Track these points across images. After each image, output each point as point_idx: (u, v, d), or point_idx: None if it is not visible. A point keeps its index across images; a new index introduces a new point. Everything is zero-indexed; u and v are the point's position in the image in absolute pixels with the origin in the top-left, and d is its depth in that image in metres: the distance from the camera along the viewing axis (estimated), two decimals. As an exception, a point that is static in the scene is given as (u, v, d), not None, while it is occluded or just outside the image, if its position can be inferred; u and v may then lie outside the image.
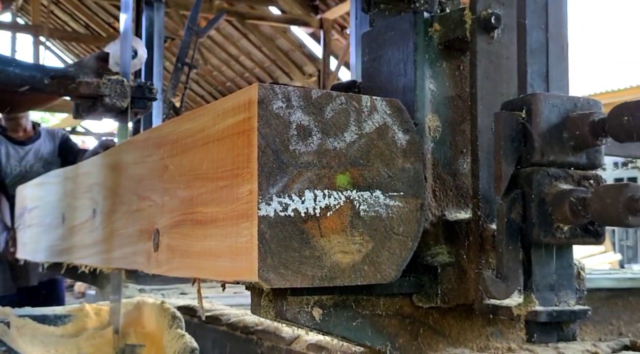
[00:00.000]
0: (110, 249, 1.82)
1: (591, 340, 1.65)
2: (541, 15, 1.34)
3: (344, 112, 1.27)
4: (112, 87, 2.33)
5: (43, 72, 2.33)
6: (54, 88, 2.35)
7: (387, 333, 1.41)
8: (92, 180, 2.06)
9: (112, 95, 2.33)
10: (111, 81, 2.34)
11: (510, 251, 1.26)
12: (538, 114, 1.27)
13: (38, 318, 2.29)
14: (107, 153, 2.07)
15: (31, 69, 2.34)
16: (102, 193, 1.94)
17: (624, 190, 1.15)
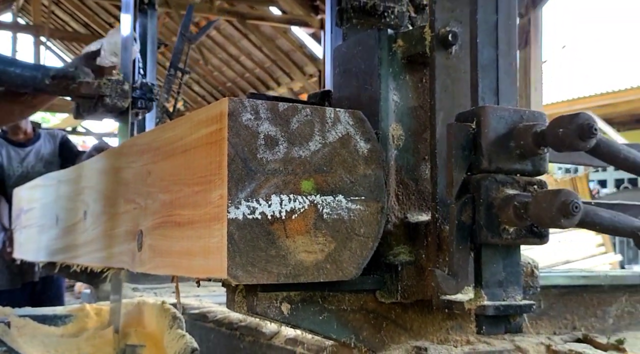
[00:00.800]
0: (100, 249, 1.96)
1: (546, 333, 1.77)
2: (491, 34, 1.47)
3: (309, 123, 1.40)
4: (113, 88, 2.38)
5: (44, 72, 2.37)
6: (54, 88, 2.39)
7: (352, 327, 1.54)
8: (83, 183, 2.20)
9: (112, 95, 2.37)
10: (112, 81, 2.38)
11: (460, 250, 1.39)
12: (487, 125, 1.40)
13: (38, 318, 2.31)
14: (97, 158, 2.20)
15: (32, 69, 2.37)
16: (92, 196, 2.08)
17: (558, 195, 1.28)
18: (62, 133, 4.45)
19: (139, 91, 2.49)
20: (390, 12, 1.87)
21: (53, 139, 4.24)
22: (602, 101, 14.12)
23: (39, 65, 2.54)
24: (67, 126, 17.02)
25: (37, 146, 4.15)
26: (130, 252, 1.72)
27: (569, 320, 1.83)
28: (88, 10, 16.72)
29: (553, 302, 1.81)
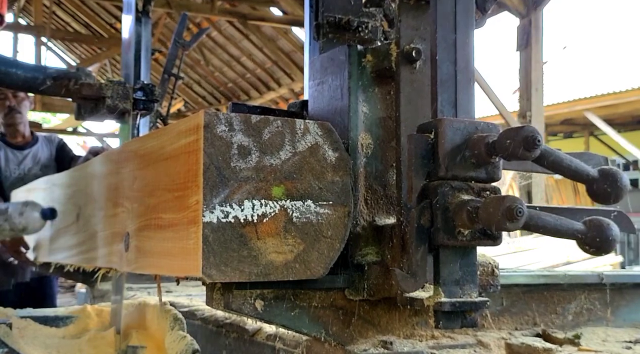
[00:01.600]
0: (91, 249, 2.10)
1: (508, 329, 1.90)
2: (450, 51, 1.61)
3: (280, 134, 1.54)
4: (114, 89, 2.41)
5: (45, 73, 2.39)
6: (56, 89, 2.40)
7: (322, 322, 1.68)
8: (76, 187, 2.33)
9: (114, 96, 2.40)
10: (113, 83, 2.42)
11: (419, 251, 1.53)
12: (444, 136, 1.53)
13: (40, 319, 2.33)
14: (89, 163, 2.33)
15: (33, 70, 2.39)
16: (84, 199, 2.21)
17: (504, 201, 1.42)
18: (59, 138, 4.55)
19: (140, 92, 2.52)
20: (365, 27, 2.00)
21: (50, 144, 4.36)
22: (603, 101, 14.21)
23: (40, 66, 2.54)
24: (68, 126, 17.18)
25: (35, 150, 4.27)
26: (118, 252, 1.86)
27: (530, 317, 1.96)
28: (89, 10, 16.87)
29: (515, 299, 1.95)
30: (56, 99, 14.07)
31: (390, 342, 1.70)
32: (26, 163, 4.23)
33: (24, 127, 4.30)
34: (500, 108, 11.15)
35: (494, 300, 1.92)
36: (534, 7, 11.66)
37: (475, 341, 1.81)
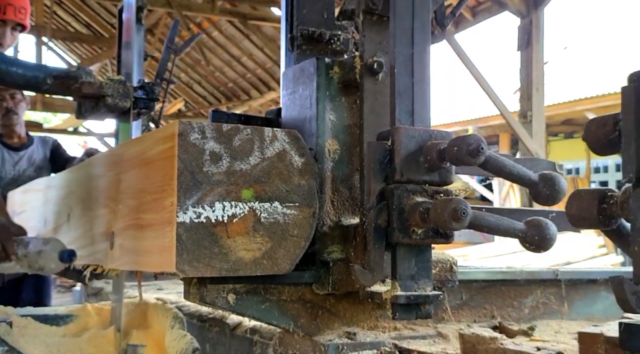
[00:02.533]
0: (80, 247, 2.26)
1: (467, 321, 2.06)
2: (408, 65, 1.76)
3: (249, 141, 1.70)
4: (115, 88, 2.44)
5: (46, 72, 2.41)
6: (56, 88, 2.43)
7: (291, 315, 1.84)
8: (68, 189, 2.50)
9: (114, 95, 2.42)
10: (114, 81, 2.45)
11: (376, 248, 1.69)
12: (400, 143, 1.69)
13: (40, 318, 2.34)
14: (80, 166, 2.49)
15: (34, 69, 2.42)
16: (75, 200, 2.38)
17: (450, 203, 1.58)
18: (54, 139, 4.67)
19: (140, 91, 2.56)
20: (337, 39, 2.16)
21: (45, 145, 4.51)
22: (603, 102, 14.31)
23: (41, 66, 2.56)
24: (69, 126, 17.35)
25: (30, 151, 4.41)
26: (104, 250, 2.02)
27: (488, 310, 2.11)
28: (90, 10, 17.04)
29: (474, 294, 2.10)
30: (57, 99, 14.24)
31: (354, 333, 1.86)
32: (21, 164, 4.36)
33: (20, 128, 4.44)
34: (501, 108, 11.28)
35: (454, 295, 2.08)
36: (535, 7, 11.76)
37: (435, 332, 1.96)
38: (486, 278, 2.11)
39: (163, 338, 2.03)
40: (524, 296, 2.17)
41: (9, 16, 3.21)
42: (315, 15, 2.15)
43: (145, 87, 2.55)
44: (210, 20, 15.43)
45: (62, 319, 2.38)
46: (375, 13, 1.86)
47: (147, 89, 2.55)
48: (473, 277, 2.09)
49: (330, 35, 2.15)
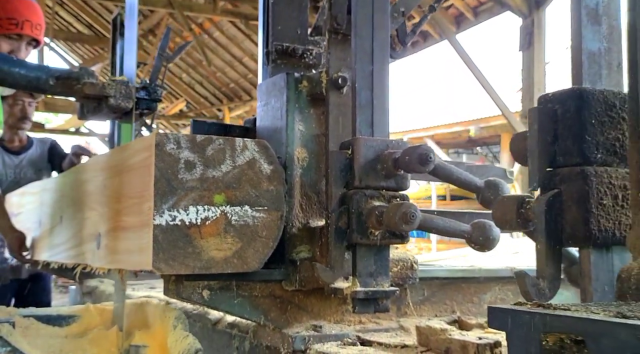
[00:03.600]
0: (71, 248, 2.45)
1: (428, 316, 2.24)
2: (368, 80, 1.95)
3: (221, 150, 1.89)
4: (117, 88, 2.50)
5: (48, 73, 2.46)
6: (59, 89, 2.47)
7: (262, 309, 2.03)
8: (60, 193, 2.70)
9: (117, 96, 2.48)
10: (116, 82, 2.52)
11: (337, 248, 1.88)
12: (359, 152, 1.87)
13: (42, 319, 2.37)
14: (72, 171, 2.68)
15: (36, 70, 2.46)
16: (66, 203, 2.57)
17: (401, 207, 1.76)
18: (51, 140, 4.77)
19: (143, 92, 2.62)
20: (309, 54, 2.35)
21: (43, 146, 4.58)
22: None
23: (43, 66, 2.60)
24: (71, 127, 17.57)
25: (30, 154, 4.52)
26: (91, 250, 2.22)
27: (448, 305, 2.30)
28: (92, 11, 17.23)
29: (435, 290, 2.29)
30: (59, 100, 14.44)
31: (320, 326, 2.04)
32: (22, 167, 4.47)
33: (22, 132, 4.53)
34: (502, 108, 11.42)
35: (417, 291, 2.26)
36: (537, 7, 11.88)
37: (398, 325, 2.14)
38: (447, 275, 2.29)
39: (165, 338, 2.08)
40: (483, 292, 2.36)
41: (26, 31, 3.35)
42: (289, 31, 2.33)
43: (147, 88, 2.61)
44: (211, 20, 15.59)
45: (64, 319, 2.42)
46: (340, 32, 2.04)
47: (150, 90, 2.61)
48: (434, 275, 2.27)
49: (303, 50, 2.33)
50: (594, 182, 1.27)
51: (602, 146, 1.28)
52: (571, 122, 1.29)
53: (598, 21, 1.39)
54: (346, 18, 2.03)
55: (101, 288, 3.64)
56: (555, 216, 1.29)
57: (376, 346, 1.94)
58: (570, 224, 1.28)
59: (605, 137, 1.28)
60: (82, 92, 2.44)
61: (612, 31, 1.39)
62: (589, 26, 1.38)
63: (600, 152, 1.28)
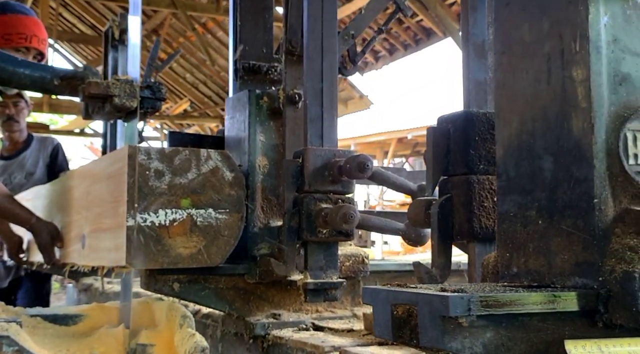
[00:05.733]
0: (61, 247, 2.79)
1: (379, 307, 2.56)
2: (318, 97, 2.26)
3: (187, 160, 2.20)
4: (122, 88, 2.54)
5: (53, 73, 2.52)
6: (63, 89, 2.53)
7: (227, 300, 2.34)
8: (50, 199, 3.02)
9: (121, 95, 2.52)
10: (120, 81, 2.56)
11: (289, 245, 2.19)
12: (308, 161, 2.18)
13: (49, 318, 2.41)
14: (59, 180, 2.97)
15: (41, 70, 2.53)
16: (56, 209, 2.90)
17: (341, 209, 2.08)
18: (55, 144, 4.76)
19: (147, 91, 2.64)
20: (274, 70, 2.65)
21: (43, 150, 4.64)
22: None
23: (48, 66, 2.66)
24: (75, 127, 17.94)
25: (21, 157, 4.56)
26: (78, 250, 2.54)
27: (398, 297, 2.61)
28: (95, 12, 17.58)
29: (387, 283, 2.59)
30: (63, 100, 14.77)
31: (279, 314, 2.36)
32: (11, 171, 4.52)
33: (19, 134, 4.60)
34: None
35: (370, 283, 2.55)
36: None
37: (351, 314, 2.46)
38: (397, 269, 2.61)
39: (172, 337, 2.14)
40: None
41: (34, 44, 3.58)
42: (254, 50, 2.64)
43: (151, 87, 2.65)
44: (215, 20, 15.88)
45: (71, 318, 2.45)
46: (295, 53, 2.35)
47: (154, 89, 2.65)
48: (385, 268, 2.59)
49: (268, 67, 2.64)
50: (476, 188, 1.58)
51: (484, 158, 1.59)
52: (459, 139, 1.60)
53: (484, 55, 1.70)
54: (300, 41, 2.34)
55: (95, 285, 3.95)
56: (446, 216, 1.60)
57: (327, 331, 2.25)
58: (458, 223, 1.59)
59: (487, 150, 1.59)
60: (87, 92, 2.47)
61: (497, 62, 1.70)
62: (476, 59, 1.69)
63: (483, 164, 1.59)
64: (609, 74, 1.21)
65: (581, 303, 1.16)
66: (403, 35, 12.98)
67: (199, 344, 1.96)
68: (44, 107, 14.96)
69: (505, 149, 1.37)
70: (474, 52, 1.70)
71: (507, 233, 1.36)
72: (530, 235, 1.30)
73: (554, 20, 1.25)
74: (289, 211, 2.20)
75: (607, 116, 1.20)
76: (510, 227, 1.35)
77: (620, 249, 1.16)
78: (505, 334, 1.12)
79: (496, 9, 1.40)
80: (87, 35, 18.50)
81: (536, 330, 1.15)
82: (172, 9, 14.17)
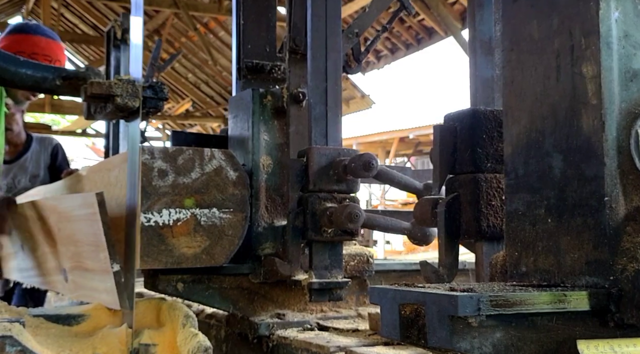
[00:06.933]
0: (39, 276, 2.75)
1: (384, 306, 2.54)
2: (322, 96, 2.24)
3: (191, 160, 2.18)
4: (124, 88, 2.48)
5: (54, 73, 2.50)
6: (65, 89, 2.51)
7: (231, 300, 2.33)
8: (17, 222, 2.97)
9: (123, 95, 2.46)
10: (123, 81, 2.50)
11: (294, 245, 2.17)
12: (313, 160, 2.17)
13: (52, 318, 2.40)
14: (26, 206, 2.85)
15: (43, 70, 2.52)
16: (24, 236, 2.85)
17: (346, 208, 2.06)
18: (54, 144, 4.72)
19: (149, 91, 2.60)
20: (277, 69, 2.64)
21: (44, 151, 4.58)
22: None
23: (50, 66, 2.66)
24: (77, 128, 17.94)
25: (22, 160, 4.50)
26: (61, 281, 2.50)
27: (403, 296, 2.59)
28: (97, 12, 17.58)
29: (392, 282, 2.57)
30: (65, 101, 14.76)
31: (283, 314, 2.34)
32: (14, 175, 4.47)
33: (17, 138, 4.50)
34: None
35: (375, 282, 2.55)
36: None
37: (356, 314, 2.44)
38: (402, 268, 2.59)
39: (175, 336, 2.13)
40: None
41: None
42: (258, 49, 2.63)
43: (154, 87, 2.63)
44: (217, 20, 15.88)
45: (74, 318, 2.44)
46: (299, 52, 2.34)
47: (156, 89, 2.62)
48: (391, 268, 2.57)
49: (271, 66, 2.62)
50: (484, 187, 1.56)
51: (491, 156, 1.58)
52: (467, 137, 1.59)
53: (491, 52, 1.68)
54: (304, 40, 2.32)
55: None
56: (453, 215, 1.59)
57: (332, 331, 2.23)
58: (466, 222, 1.58)
59: (495, 149, 1.58)
60: (89, 92, 2.43)
61: (504, 59, 1.68)
62: (483, 56, 1.67)
63: (490, 162, 1.57)
64: (620, 70, 1.19)
65: (592, 303, 1.14)
66: (405, 35, 12.96)
67: (201, 344, 1.96)
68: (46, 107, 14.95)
69: (513, 147, 1.35)
70: (481, 49, 1.68)
71: (515, 232, 1.34)
72: (539, 234, 1.28)
73: (563, 16, 1.23)
74: (294, 211, 2.18)
75: (618, 113, 1.18)
76: (519, 226, 1.33)
77: (632, 247, 1.14)
78: (515, 334, 1.10)
79: (504, 5, 1.38)
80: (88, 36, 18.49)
81: (546, 330, 1.13)
82: (174, 9, 14.15)
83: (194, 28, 15.38)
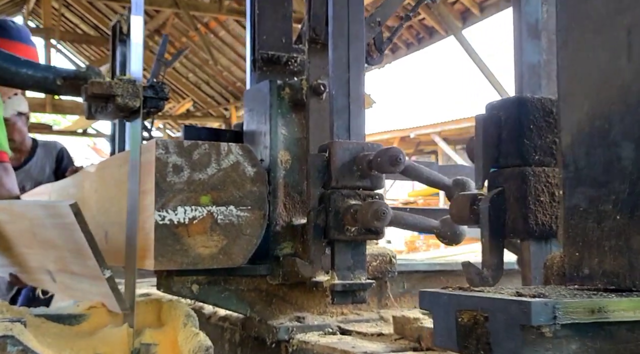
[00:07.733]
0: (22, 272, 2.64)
1: (408, 307, 2.40)
2: (344, 87, 2.10)
3: (207, 155, 2.05)
4: (125, 87, 2.45)
5: (55, 73, 2.51)
6: (66, 89, 2.52)
7: (248, 302, 2.19)
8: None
9: (124, 95, 2.43)
10: (123, 81, 2.48)
11: (316, 244, 2.03)
12: (335, 155, 2.03)
13: (53, 317, 2.38)
14: None
15: (43, 70, 2.52)
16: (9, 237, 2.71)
17: (373, 205, 1.92)
18: (59, 148, 4.67)
19: (150, 90, 2.63)
20: (294, 61, 2.50)
21: (48, 156, 4.52)
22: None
23: (51, 66, 2.65)
24: (78, 128, 17.81)
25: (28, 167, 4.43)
26: (49, 281, 2.38)
27: (426, 298, 2.46)
28: (98, 12, 17.46)
29: (415, 283, 2.44)
30: (66, 101, 14.65)
31: (303, 317, 2.21)
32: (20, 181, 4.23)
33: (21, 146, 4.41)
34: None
35: (397, 284, 2.42)
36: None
37: (378, 316, 2.30)
38: (426, 269, 2.45)
39: (176, 336, 2.11)
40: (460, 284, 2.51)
41: None
42: (274, 40, 2.49)
43: (154, 87, 2.66)
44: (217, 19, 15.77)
45: (75, 318, 2.40)
46: (319, 42, 2.20)
47: (157, 88, 2.66)
48: (414, 268, 2.43)
49: (287, 57, 2.49)
50: (532, 181, 1.43)
51: (540, 148, 1.44)
52: (512, 127, 1.45)
53: (537, 36, 1.55)
54: (324, 29, 2.19)
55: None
56: (498, 211, 1.45)
57: (354, 335, 2.10)
58: (512, 219, 1.44)
59: (543, 140, 1.44)
60: (89, 92, 2.44)
61: (551, 44, 1.55)
62: (530, 40, 1.54)
63: (538, 154, 1.44)
64: None
65: (675, 309, 1.01)
66: (406, 34, 12.86)
67: (202, 344, 1.93)
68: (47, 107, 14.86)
69: (573, 137, 1.21)
70: (527, 33, 1.55)
71: (576, 230, 1.20)
72: (605, 232, 1.15)
73: (638, -12, 1.10)
74: (315, 208, 2.05)
75: (702, 96, 1.05)
76: (581, 223, 1.19)
77: None
78: (592, 346, 0.97)
79: (561, -19, 1.25)
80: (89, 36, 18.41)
81: (625, 341, 1.00)
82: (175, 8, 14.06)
83: (194, 28, 15.30)
